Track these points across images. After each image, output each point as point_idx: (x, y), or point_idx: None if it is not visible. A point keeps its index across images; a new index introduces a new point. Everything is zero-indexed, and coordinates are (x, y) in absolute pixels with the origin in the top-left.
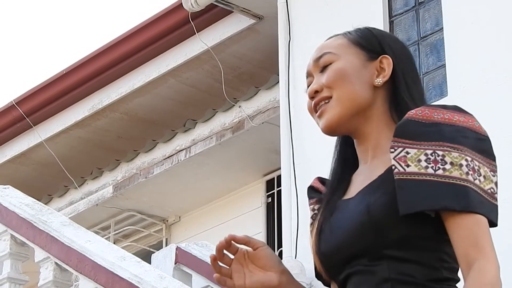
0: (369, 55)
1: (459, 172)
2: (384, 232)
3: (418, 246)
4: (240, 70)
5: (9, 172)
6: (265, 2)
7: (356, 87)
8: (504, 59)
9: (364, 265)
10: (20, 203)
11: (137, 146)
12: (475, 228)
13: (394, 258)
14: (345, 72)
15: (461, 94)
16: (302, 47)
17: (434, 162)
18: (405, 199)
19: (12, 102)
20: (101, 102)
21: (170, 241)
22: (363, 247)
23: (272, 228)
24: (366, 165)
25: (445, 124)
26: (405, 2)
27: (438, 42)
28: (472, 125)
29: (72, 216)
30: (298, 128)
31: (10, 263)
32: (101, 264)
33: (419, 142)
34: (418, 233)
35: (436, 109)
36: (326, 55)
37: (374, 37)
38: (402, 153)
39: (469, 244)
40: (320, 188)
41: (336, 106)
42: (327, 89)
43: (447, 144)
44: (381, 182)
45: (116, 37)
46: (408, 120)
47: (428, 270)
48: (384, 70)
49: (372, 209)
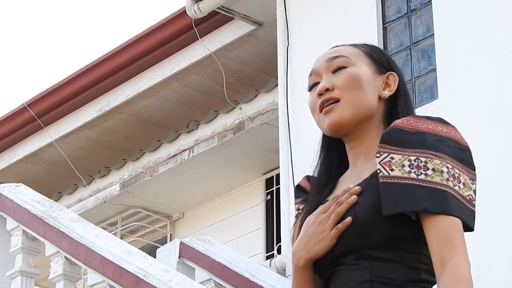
0: (379, 68)
1: (440, 178)
2: (368, 233)
3: (399, 247)
4: (240, 74)
5: (21, 170)
6: (265, 9)
7: (368, 95)
8: (492, 64)
9: (348, 264)
10: (32, 200)
11: (143, 146)
12: (450, 229)
13: (376, 258)
14: (360, 78)
15: (451, 96)
16: (300, 52)
17: (417, 168)
18: (388, 201)
19: (24, 104)
20: (108, 104)
21: (174, 236)
22: (348, 246)
23: (271, 224)
24: (355, 168)
25: (429, 134)
26: (397, 9)
27: (429, 47)
28: (454, 136)
29: (81, 212)
30: (296, 129)
31: (22, 257)
32: (108, 258)
33: (404, 149)
34: (399, 235)
35: (421, 119)
36: (342, 57)
37: (382, 53)
38: (387, 158)
39: (443, 243)
40: (307, 187)
41: (347, 108)
42: (338, 91)
43: (429, 151)
44: (367, 185)
45: (122, 42)
46: (394, 128)
47: (408, 271)
48: (389, 86)
49: (358, 211)
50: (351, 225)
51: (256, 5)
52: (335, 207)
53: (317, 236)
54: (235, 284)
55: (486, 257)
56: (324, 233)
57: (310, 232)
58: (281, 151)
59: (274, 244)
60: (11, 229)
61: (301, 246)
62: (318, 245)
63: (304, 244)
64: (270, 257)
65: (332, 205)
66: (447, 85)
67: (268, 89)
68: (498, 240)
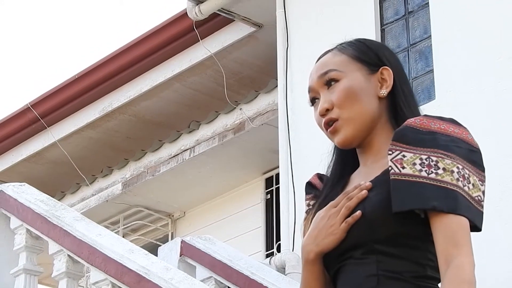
0: (370, 68)
1: (450, 178)
2: (376, 228)
3: (406, 244)
4: (241, 75)
5: (25, 170)
6: (265, 11)
7: (365, 104)
8: (488, 65)
9: (355, 258)
10: (35, 199)
11: (145, 146)
12: (457, 228)
13: (383, 253)
14: (353, 91)
15: (448, 97)
16: (299, 53)
17: (428, 167)
18: (398, 198)
19: (27, 105)
20: (111, 105)
21: (176, 235)
22: (356, 241)
23: (271, 223)
24: (365, 167)
25: (441, 134)
26: (395, 11)
27: (426, 49)
28: (465, 137)
29: (83, 211)
30: (295, 129)
31: (26, 255)
32: (111, 256)
33: (416, 148)
34: (407, 232)
35: (433, 119)
36: (332, 72)
37: (370, 49)
38: (399, 156)
39: (449, 242)
40: (317, 184)
41: (349, 125)
42: (337, 110)
43: (441, 151)
44: (377, 182)
45: (125, 44)
46: (407, 127)
47: (414, 267)
48: (386, 81)
49: (367, 206)
50: (360, 219)
51: (256, 7)
52: (345, 202)
53: (327, 229)
54: (236, 282)
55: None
56: (334, 226)
57: (320, 226)
58: (281, 151)
59: (274, 242)
60: (15, 227)
61: (311, 240)
62: (328, 238)
63: (314, 238)
64: (270, 255)
65: (343, 200)
66: (444, 86)
67: (268, 90)
68: (494, 238)
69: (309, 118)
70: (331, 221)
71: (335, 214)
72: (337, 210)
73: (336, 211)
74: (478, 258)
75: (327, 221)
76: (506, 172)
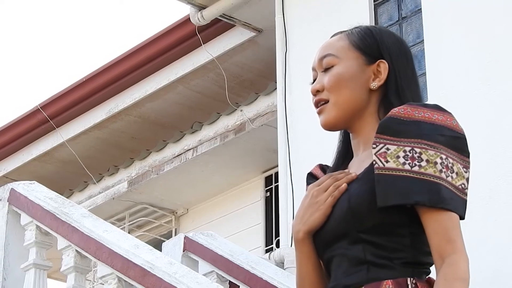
0: (368, 59)
1: (433, 170)
2: (362, 218)
3: (392, 232)
4: (241, 78)
5: (34, 169)
6: (264, 17)
7: (353, 92)
8: (479, 68)
9: (344, 248)
10: (45, 197)
11: (149, 146)
12: (448, 223)
13: (370, 242)
14: (343, 77)
15: (440, 100)
16: (298, 57)
17: (412, 159)
18: (382, 192)
19: (37, 107)
20: (117, 106)
21: (179, 231)
22: (344, 231)
23: (270, 219)
24: (357, 157)
25: (425, 122)
26: (389, 16)
27: (419, 53)
28: (450, 123)
29: (91, 208)
30: (293, 130)
31: (36, 251)
32: (117, 251)
33: (399, 139)
34: (393, 221)
35: (417, 107)
36: (329, 57)
37: (374, 39)
38: (383, 149)
39: (442, 239)
40: (319, 174)
41: (332, 109)
42: (326, 92)
43: (424, 142)
44: (364, 173)
45: (130, 48)
46: (390, 118)
47: (403, 254)
48: (380, 74)
49: (352, 197)
50: (346, 210)
51: (256, 13)
52: (331, 181)
53: (312, 206)
54: (236, 276)
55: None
56: (319, 202)
57: (306, 204)
58: (280, 151)
59: (273, 238)
60: (25, 224)
61: (298, 220)
62: (314, 215)
63: (300, 218)
64: (269, 251)
65: (328, 179)
66: (436, 89)
67: (267, 92)
68: (483, 235)
69: (307, 119)
70: (315, 198)
71: (319, 190)
72: (322, 187)
73: (320, 189)
74: (468, 255)
75: (311, 199)
76: (496, 171)
